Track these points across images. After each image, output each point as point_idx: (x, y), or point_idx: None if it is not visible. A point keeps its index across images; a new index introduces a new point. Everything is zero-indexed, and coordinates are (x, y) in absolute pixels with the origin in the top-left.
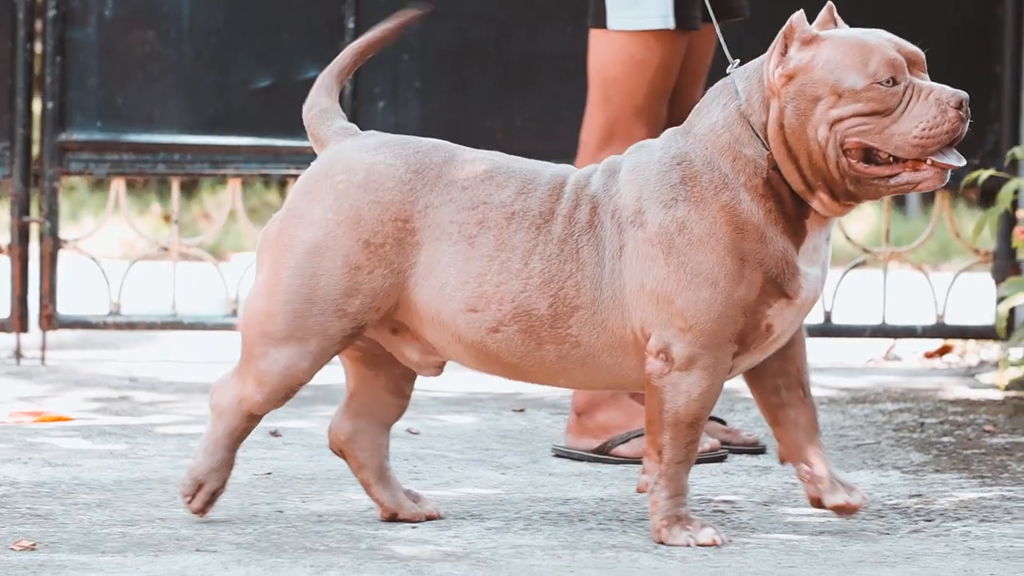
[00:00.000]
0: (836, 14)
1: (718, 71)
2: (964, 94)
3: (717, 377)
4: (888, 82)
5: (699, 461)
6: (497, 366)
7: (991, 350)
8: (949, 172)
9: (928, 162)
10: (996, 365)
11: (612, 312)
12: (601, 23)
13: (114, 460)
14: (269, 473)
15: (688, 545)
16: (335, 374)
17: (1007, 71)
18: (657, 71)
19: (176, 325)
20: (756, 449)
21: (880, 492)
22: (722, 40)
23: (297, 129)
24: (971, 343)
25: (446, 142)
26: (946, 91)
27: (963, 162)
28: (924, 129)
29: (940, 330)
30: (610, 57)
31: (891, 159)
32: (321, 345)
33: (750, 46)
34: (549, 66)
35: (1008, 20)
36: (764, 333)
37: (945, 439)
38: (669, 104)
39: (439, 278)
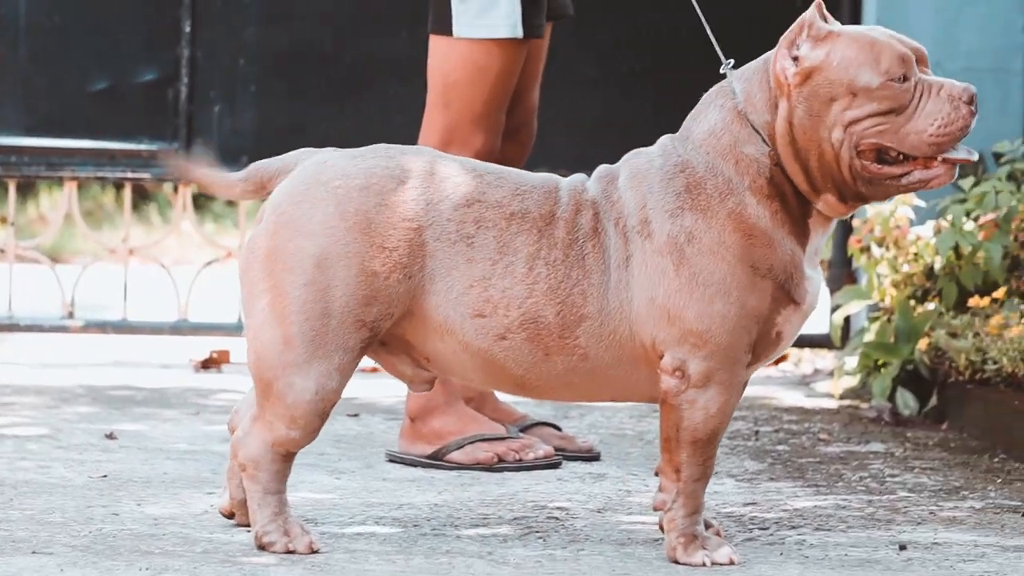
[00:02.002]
0: (824, 11)
1: (554, 74)
2: (973, 88)
3: (733, 391)
4: (900, 79)
5: (533, 468)
6: (502, 378)
7: (826, 359)
8: (958, 168)
9: (939, 159)
10: (831, 374)
11: (619, 323)
12: (445, 30)
13: None
14: (105, 476)
15: (704, 564)
16: (170, 378)
17: None
18: (498, 78)
19: (12, 327)
20: (591, 456)
21: (715, 500)
22: (715, 44)
23: (133, 132)
24: (806, 352)
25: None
26: (956, 86)
27: (975, 156)
28: (939, 127)
29: None
30: (452, 63)
31: (902, 157)
32: (344, 359)
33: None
34: (384, 70)
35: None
36: (774, 341)
37: (780, 447)
38: (508, 110)
39: (444, 282)
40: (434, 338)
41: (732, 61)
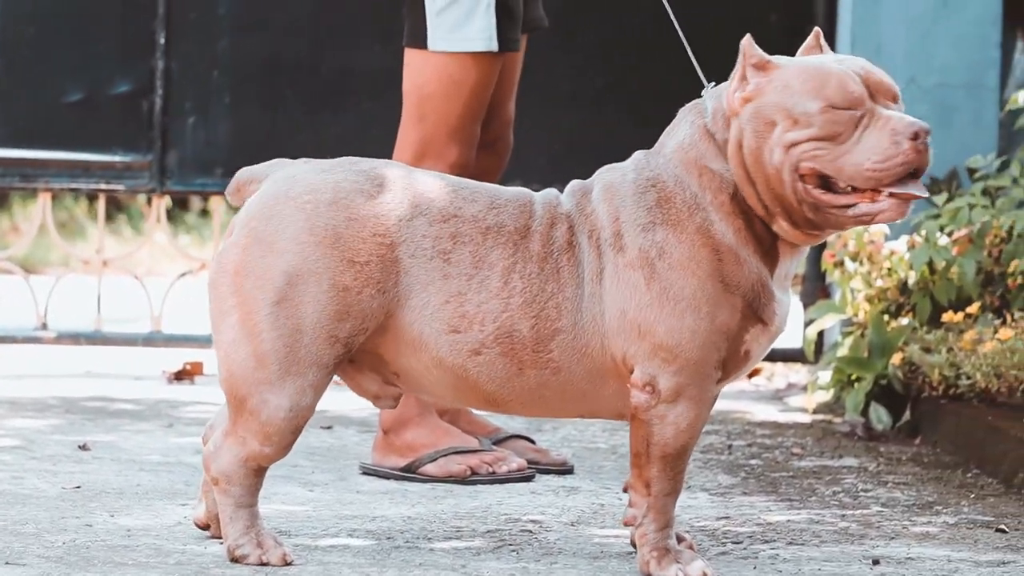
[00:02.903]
0: (822, 40)
1: (530, 87)
2: (922, 125)
3: (703, 407)
4: (844, 108)
5: (507, 481)
6: (473, 394)
7: (799, 373)
8: (911, 204)
9: (885, 193)
10: (804, 388)
11: (592, 337)
12: (420, 43)
13: None
14: (78, 487)
15: None
16: (143, 390)
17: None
18: (473, 91)
19: None
20: (564, 469)
21: (688, 514)
22: (696, 63)
23: (107, 143)
24: (779, 366)
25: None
26: (903, 121)
27: (925, 192)
28: (876, 161)
29: None
30: (427, 76)
31: (850, 188)
32: (318, 375)
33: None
34: (359, 83)
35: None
36: (743, 359)
37: (753, 462)
38: (484, 122)
39: (420, 297)
40: (406, 353)
41: (714, 83)
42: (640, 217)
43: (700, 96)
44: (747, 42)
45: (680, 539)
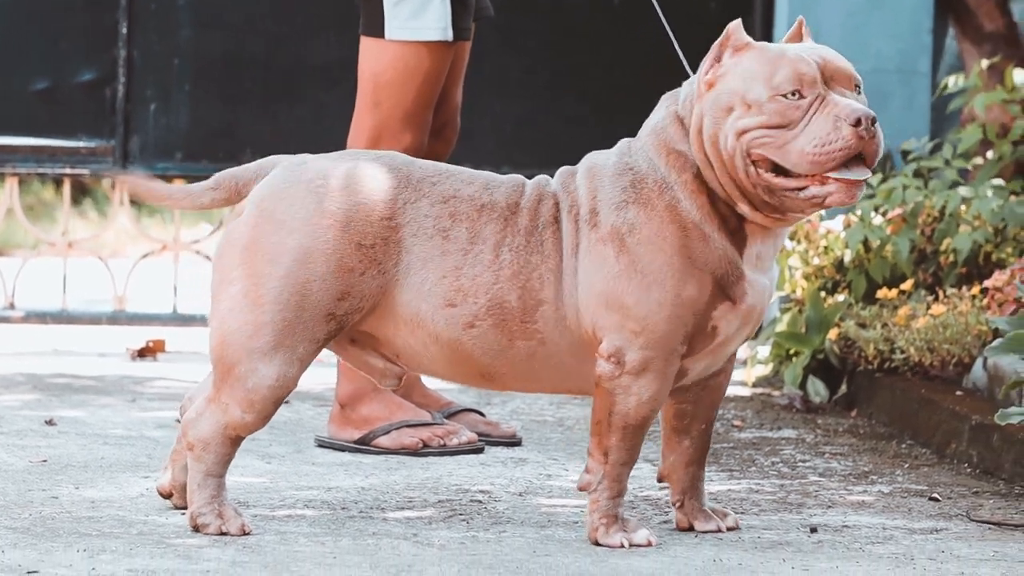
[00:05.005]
0: (805, 28)
1: (480, 74)
2: (865, 111)
3: (667, 380)
4: (792, 95)
5: (457, 452)
6: (469, 368)
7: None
8: (860, 189)
9: (832, 177)
10: (744, 362)
11: (570, 309)
12: (377, 32)
13: None
14: (45, 460)
15: (622, 546)
16: (107, 367)
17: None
18: (427, 79)
19: None
20: (513, 441)
21: (633, 484)
22: (680, 53)
23: (72, 130)
24: None
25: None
26: (847, 107)
27: (866, 175)
28: (816, 146)
29: None
30: (383, 64)
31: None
32: (308, 349)
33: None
34: (315, 74)
35: None
36: (710, 334)
37: None
38: (435, 109)
39: (419, 275)
40: (404, 332)
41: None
42: (615, 196)
43: (653, 82)
44: (735, 26)
45: None
